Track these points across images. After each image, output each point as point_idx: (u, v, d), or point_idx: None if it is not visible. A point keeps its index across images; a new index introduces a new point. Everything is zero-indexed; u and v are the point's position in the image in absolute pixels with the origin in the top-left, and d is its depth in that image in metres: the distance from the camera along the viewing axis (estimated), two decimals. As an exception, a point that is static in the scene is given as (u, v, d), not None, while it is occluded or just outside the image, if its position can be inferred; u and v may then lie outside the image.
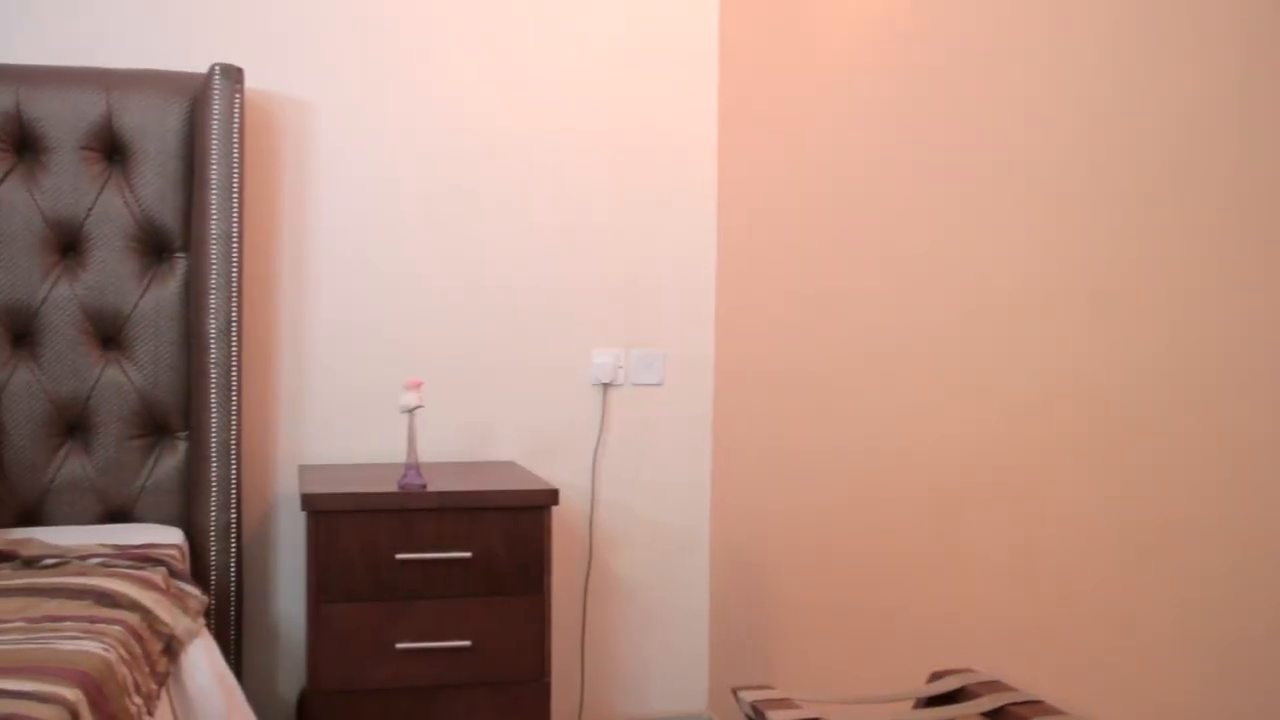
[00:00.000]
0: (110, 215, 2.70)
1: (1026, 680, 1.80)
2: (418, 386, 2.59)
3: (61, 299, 2.68)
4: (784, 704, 1.78)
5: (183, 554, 2.53)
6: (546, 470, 3.03)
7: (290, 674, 2.99)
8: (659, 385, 3.15)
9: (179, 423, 2.73)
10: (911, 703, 1.89)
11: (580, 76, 3.09)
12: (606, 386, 3.11)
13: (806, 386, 2.62)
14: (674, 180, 3.14)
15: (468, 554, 2.55)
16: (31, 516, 2.68)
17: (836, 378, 2.48)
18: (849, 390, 2.43)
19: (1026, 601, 1.83)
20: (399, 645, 2.53)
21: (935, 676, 1.90)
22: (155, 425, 2.73)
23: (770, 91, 2.85)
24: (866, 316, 2.35)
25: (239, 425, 2.66)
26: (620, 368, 3.12)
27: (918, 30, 2.17)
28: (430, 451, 2.90)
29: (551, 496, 2.59)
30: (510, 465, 2.96)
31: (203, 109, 2.66)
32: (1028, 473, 1.82)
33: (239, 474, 2.67)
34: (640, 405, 3.14)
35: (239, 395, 2.66)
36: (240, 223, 2.65)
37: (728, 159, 3.11)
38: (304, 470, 2.82)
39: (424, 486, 2.56)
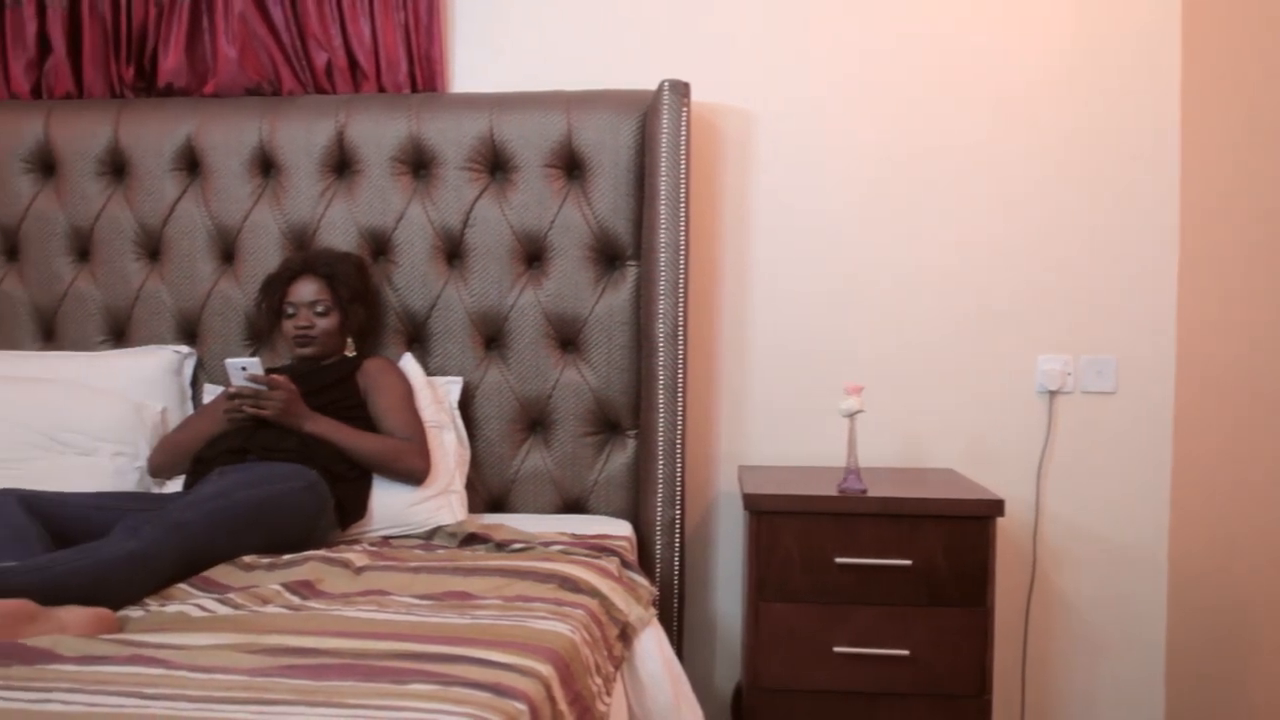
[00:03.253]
0: (569, 227, 2.89)
1: None
2: (858, 391, 2.58)
3: (526, 305, 2.90)
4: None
5: (632, 546, 2.67)
6: (987, 479, 2.92)
7: (726, 668, 3.07)
8: (1112, 393, 2.95)
9: (629, 421, 2.88)
10: None
11: (1025, 75, 2.95)
12: (1053, 394, 2.95)
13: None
14: (1129, 175, 2.93)
15: (907, 562, 2.50)
16: (499, 504, 2.92)
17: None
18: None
19: None
20: (837, 649, 2.52)
21: None
22: (607, 423, 2.90)
23: (1246, 80, 2.60)
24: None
25: (684, 425, 2.76)
26: (1068, 374, 2.94)
27: None
28: (868, 456, 2.87)
29: (996, 507, 2.49)
30: (949, 473, 2.88)
31: (652, 123, 2.79)
32: None
33: (683, 472, 2.77)
34: (1090, 414, 2.95)
35: (684, 396, 2.76)
36: (687, 231, 2.75)
37: (1193, 153, 2.86)
38: (744, 470, 2.89)
39: (864, 491, 2.54)
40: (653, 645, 2.26)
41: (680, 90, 2.76)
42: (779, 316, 3.02)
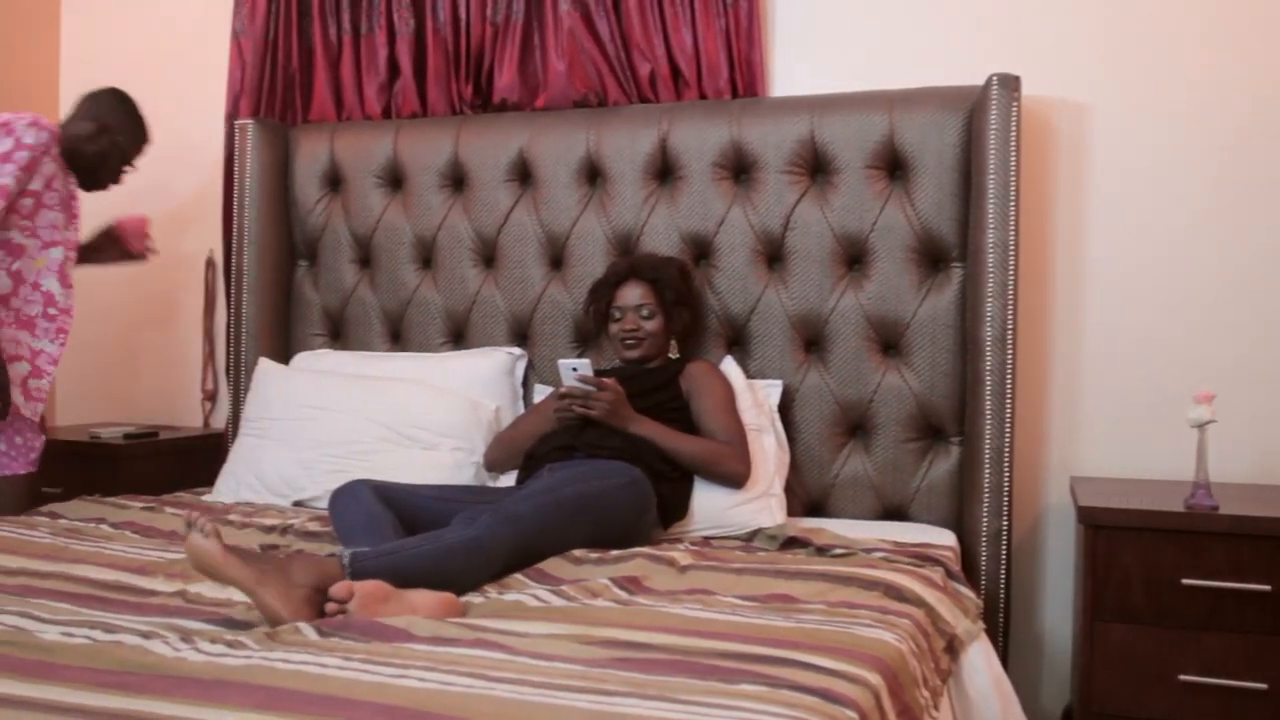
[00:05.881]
0: (891, 228, 2.83)
1: None
2: (1209, 400, 2.38)
3: (847, 308, 2.86)
4: None
5: (956, 556, 2.58)
6: (1358, 500, 2.64)
7: (1054, 689, 2.92)
8: None
9: (953, 428, 2.79)
10: None
11: None
12: None
13: None
14: None
15: (1266, 587, 2.29)
16: (817, 508, 2.90)
17: None
18: None
19: None
20: (1182, 677, 2.35)
21: None
22: (930, 429, 2.82)
23: None
24: None
25: (1012, 432, 2.64)
26: None
27: None
28: (1218, 471, 2.66)
29: (1373, 530, 2.25)
30: (1314, 491, 2.63)
31: (979, 120, 2.69)
32: None
33: (1011, 481, 2.66)
34: None
35: (1013, 402, 2.64)
36: (1016, 231, 2.63)
37: None
38: (1076, 481, 2.73)
39: (1215, 508, 2.35)
40: (980, 660, 2.18)
41: (1010, 84, 2.65)
42: (1116, 319, 2.85)
